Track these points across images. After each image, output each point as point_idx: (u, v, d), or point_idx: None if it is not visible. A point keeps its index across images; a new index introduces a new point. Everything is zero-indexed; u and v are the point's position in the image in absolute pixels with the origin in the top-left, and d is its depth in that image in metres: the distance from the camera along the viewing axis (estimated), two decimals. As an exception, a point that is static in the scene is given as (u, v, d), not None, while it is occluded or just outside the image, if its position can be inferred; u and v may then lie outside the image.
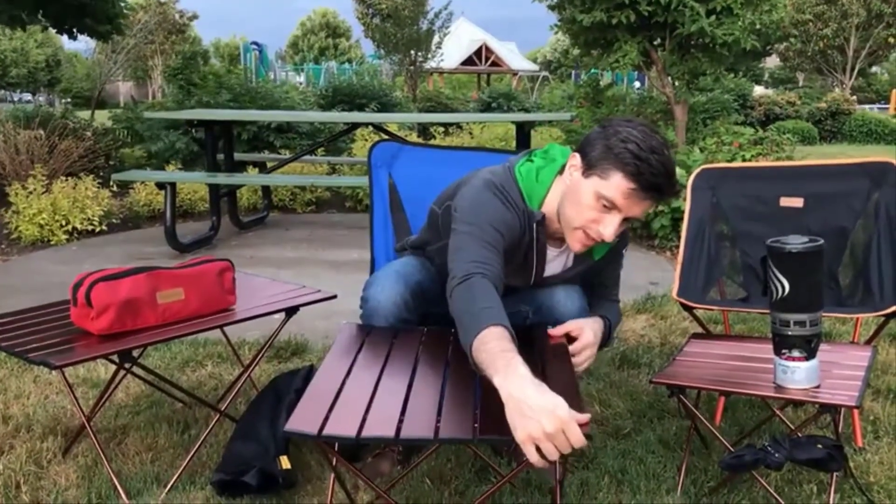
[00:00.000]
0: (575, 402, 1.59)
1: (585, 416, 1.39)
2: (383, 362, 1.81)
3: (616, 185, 1.76)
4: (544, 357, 1.85)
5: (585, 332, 1.92)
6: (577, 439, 1.35)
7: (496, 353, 1.52)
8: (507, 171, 1.97)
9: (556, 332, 1.93)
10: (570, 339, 1.94)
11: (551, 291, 2.09)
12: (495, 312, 1.62)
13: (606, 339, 2.04)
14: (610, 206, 1.78)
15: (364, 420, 1.51)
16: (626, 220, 1.82)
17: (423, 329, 2.05)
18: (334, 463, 1.84)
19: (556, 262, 2.07)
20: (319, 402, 1.58)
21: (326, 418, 1.50)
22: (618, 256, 2.16)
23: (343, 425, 1.48)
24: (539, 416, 1.35)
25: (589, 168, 1.81)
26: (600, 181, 1.78)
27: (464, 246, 1.79)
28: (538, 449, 1.35)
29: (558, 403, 1.37)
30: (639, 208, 1.80)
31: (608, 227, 1.80)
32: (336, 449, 1.76)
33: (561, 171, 1.95)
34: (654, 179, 1.74)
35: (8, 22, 7.75)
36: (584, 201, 1.81)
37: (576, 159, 1.86)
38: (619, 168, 1.75)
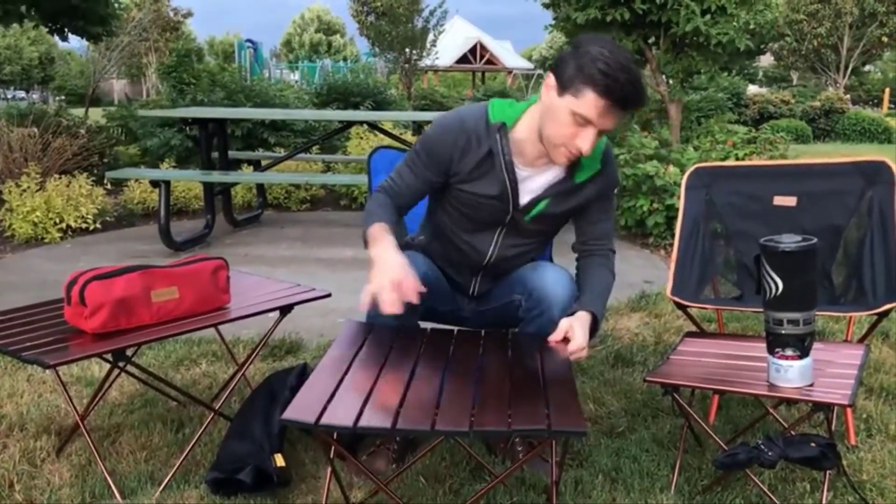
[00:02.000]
0: (572, 404, 1.60)
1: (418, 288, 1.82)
2: (384, 358, 1.83)
3: (589, 102, 1.86)
4: (543, 362, 1.86)
5: (576, 333, 1.94)
6: (411, 293, 1.81)
7: (375, 235, 1.97)
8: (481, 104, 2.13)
9: (555, 338, 1.96)
10: (564, 339, 1.96)
11: (541, 278, 2.12)
12: (382, 215, 2.03)
13: (595, 330, 2.04)
14: (584, 122, 1.89)
15: (361, 411, 1.52)
16: (601, 132, 1.93)
17: (426, 329, 2.06)
18: (332, 455, 1.84)
19: (531, 184, 2.09)
20: (318, 392, 1.59)
21: (324, 409, 1.51)
22: (605, 199, 2.18)
23: (340, 415, 1.50)
24: (388, 269, 1.83)
25: (563, 88, 1.90)
26: (574, 100, 1.87)
27: (400, 166, 2.14)
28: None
29: (404, 263, 1.85)
30: (611, 121, 1.91)
31: (585, 141, 1.91)
32: (335, 437, 1.77)
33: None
34: (624, 94, 1.85)
35: (2, 18, 7.71)
36: (561, 120, 1.91)
37: (550, 79, 1.94)
38: (590, 87, 1.84)
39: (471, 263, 2.23)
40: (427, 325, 2.17)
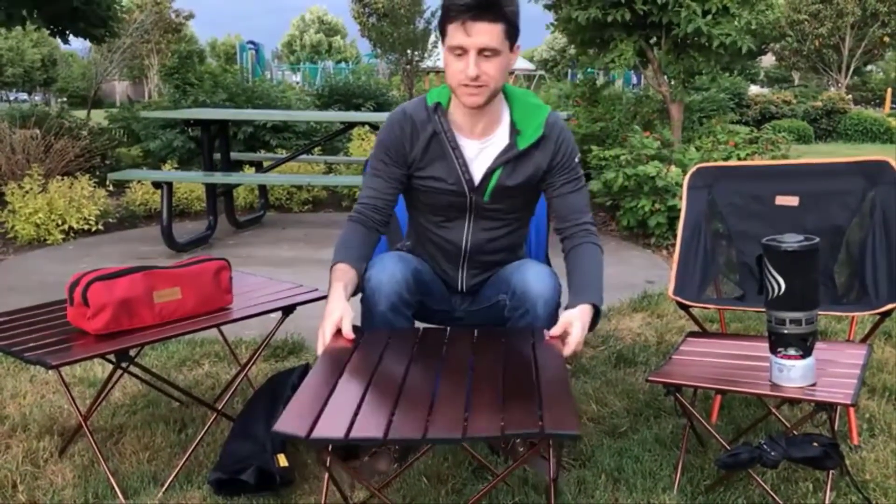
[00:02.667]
0: (566, 401, 1.59)
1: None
2: (376, 363, 1.81)
3: (450, 31, 1.97)
4: (537, 362, 1.85)
5: (574, 329, 1.93)
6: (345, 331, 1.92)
7: (332, 278, 2.04)
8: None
9: (554, 332, 1.95)
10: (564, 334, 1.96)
11: (522, 275, 2.12)
12: (345, 253, 2.10)
13: (597, 319, 2.03)
14: (460, 51, 1.97)
15: (353, 420, 1.50)
16: (482, 53, 1.96)
17: (418, 329, 2.06)
18: (328, 463, 1.84)
19: (481, 160, 2.13)
20: (310, 402, 1.57)
21: (317, 419, 1.50)
22: (565, 168, 2.17)
23: (332, 426, 1.48)
24: (329, 315, 1.94)
25: (442, 38, 2.04)
26: (445, 40, 2.01)
27: (366, 176, 2.23)
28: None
29: (333, 310, 1.95)
30: (481, 35, 1.94)
31: (469, 67, 1.97)
32: (330, 449, 1.76)
33: None
34: (463, 2, 1.92)
35: (5, 20, 7.72)
36: (449, 64, 2.02)
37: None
38: (444, 19, 1.98)
39: (451, 257, 2.26)
40: (420, 325, 2.17)
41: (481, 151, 2.14)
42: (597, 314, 2.02)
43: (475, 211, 2.18)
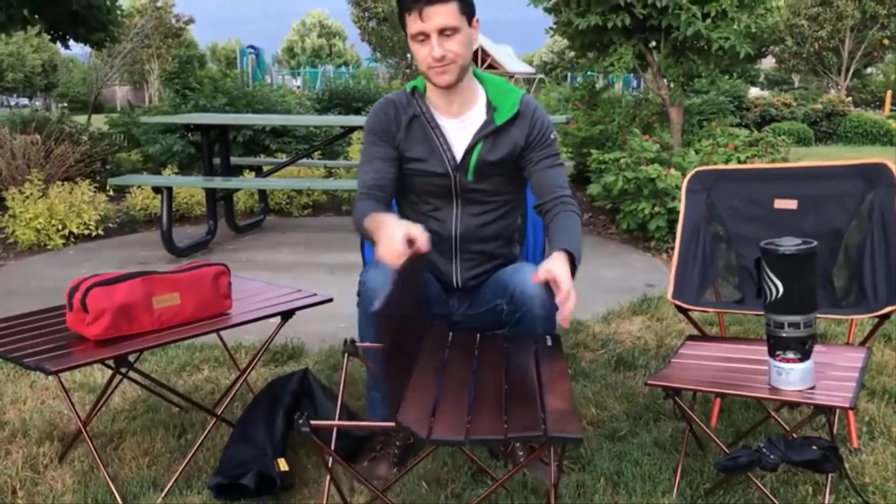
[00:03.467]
0: (568, 409, 1.60)
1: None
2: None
3: (408, 21, 2.08)
4: (539, 366, 1.86)
5: (559, 274, 1.84)
6: (421, 242, 1.81)
7: (372, 218, 1.99)
8: None
9: (538, 280, 1.88)
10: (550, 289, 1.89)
11: (520, 278, 2.13)
12: (370, 210, 2.08)
13: (576, 267, 1.99)
14: (422, 37, 2.07)
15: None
16: (443, 33, 2.06)
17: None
18: (330, 464, 1.84)
19: (461, 137, 2.22)
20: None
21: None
22: (541, 143, 2.24)
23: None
24: (396, 227, 1.82)
25: (404, 31, 2.16)
26: (407, 31, 2.12)
27: (360, 167, 2.29)
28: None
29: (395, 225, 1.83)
30: (437, 18, 2.04)
31: (434, 49, 2.07)
32: (334, 448, 1.77)
33: None
34: None
35: (6, 24, 7.73)
36: (414, 50, 2.13)
37: None
38: (400, 11, 2.10)
39: (444, 248, 2.28)
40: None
41: (461, 130, 2.22)
42: (573, 265, 1.97)
43: (461, 193, 2.23)
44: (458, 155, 2.21)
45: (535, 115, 2.24)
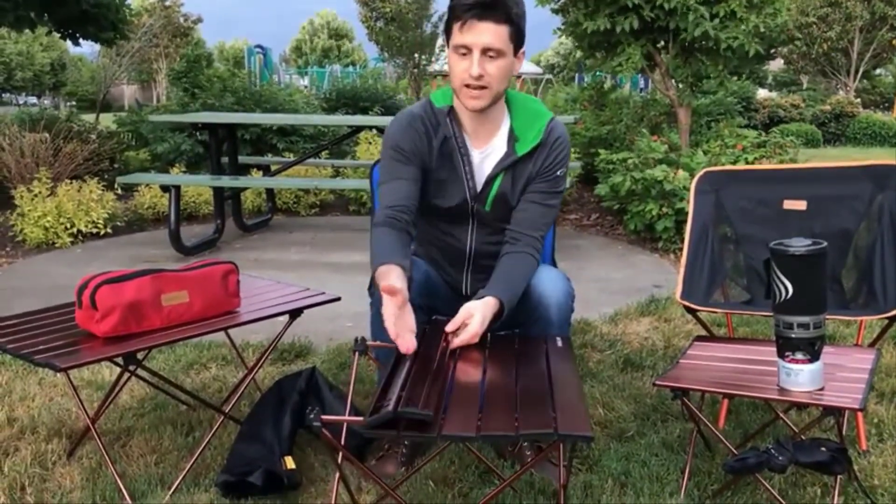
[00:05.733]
0: (579, 407, 1.60)
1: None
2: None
3: (454, 30, 1.98)
4: (550, 365, 1.86)
5: (473, 320, 1.92)
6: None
7: (382, 280, 1.89)
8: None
9: (452, 326, 1.94)
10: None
11: (536, 280, 2.13)
12: (388, 253, 1.97)
13: (500, 316, 2.02)
14: (464, 50, 1.98)
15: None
16: (487, 53, 1.97)
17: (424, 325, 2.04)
18: (340, 461, 1.84)
19: (485, 164, 2.15)
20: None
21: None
22: (547, 177, 2.16)
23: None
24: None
25: (447, 40, 2.04)
26: (451, 40, 2.01)
27: (382, 184, 2.13)
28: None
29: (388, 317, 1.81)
30: (485, 35, 1.95)
31: (473, 66, 1.98)
32: (344, 444, 1.77)
33: None
34: (469, 2, 1.93)
35: (14, 23, 7.77)
36: (453, 64, 2.03)
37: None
38: (450, 18, 1.99)
39: (456, 260, 2.27)
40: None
41: (483, 160, 2.16)
42: (501, 313, 2.01)
43: (477, 218, 2.20)
44: (479, 185, 2.15)
45: (555, 145, 2.15)
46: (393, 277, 1.87)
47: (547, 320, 2.10)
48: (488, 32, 1.95)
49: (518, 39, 2.02)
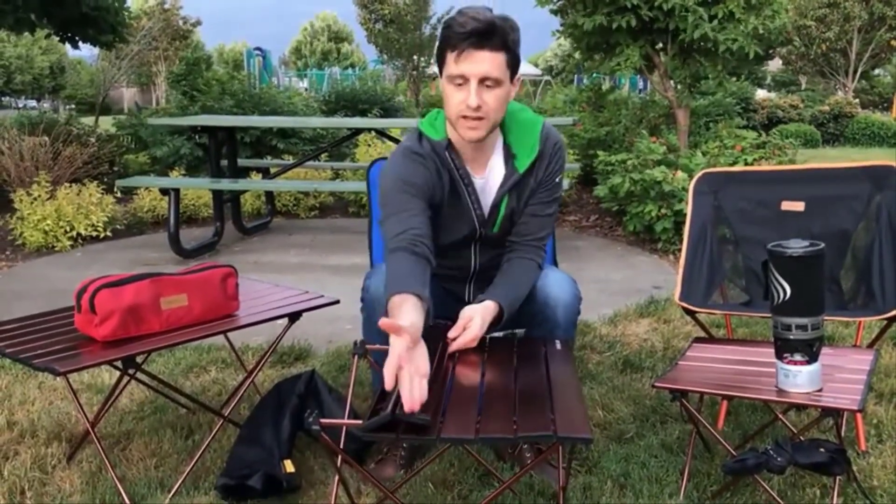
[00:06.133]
0: (578, 409, 1.60)
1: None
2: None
3: (450, 59, 1.90)
4: (549, 367, 1.86)
5: (473, 323, 1.91)
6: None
7: (395, 312, 1.73)
8: (412, 130, 2.13)
9: (454, 331, 1.93)
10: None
11: (542, 282, 2.12)
12: (404, 281, 1.80)
13: (500, 321, 2.02)
14: (461, 80, 1.90)
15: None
16: (484, 82, 1.90)
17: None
18: (339, 464, 1.84)
19: (487, 189, 2.11)
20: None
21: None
22: (546, 185, 2.14)
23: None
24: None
25: (440, 70, 1.96)
26: (444, 69, 1.93)
27: (389, 217, 1.97)
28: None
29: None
30: (482, 64, 1.87)
31: (470, 97, 1.90)
32: (343, 447, 1.77)
33: None
34: (465, 30, 1.85)
35: (14, 26, 7.77)
36: (448, 94, 1.94)
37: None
38: (444, 46, 1.91)
39: (459, 275, 2.27)
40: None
41: (485, 185, 2.12)
42: (500, 317, 2.01)
43: (483, 240, 2.18)
44: (486, 211, 2.11)
45: (553, 153, 2.12)
46: (407, 310, 1.70)
47: (554, 322, 2.10)
48: (486, 62, 1.87)
49: (514, 65, 1.95)
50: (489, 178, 2.11)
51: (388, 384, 1.51)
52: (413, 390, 1.48)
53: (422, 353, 1.59)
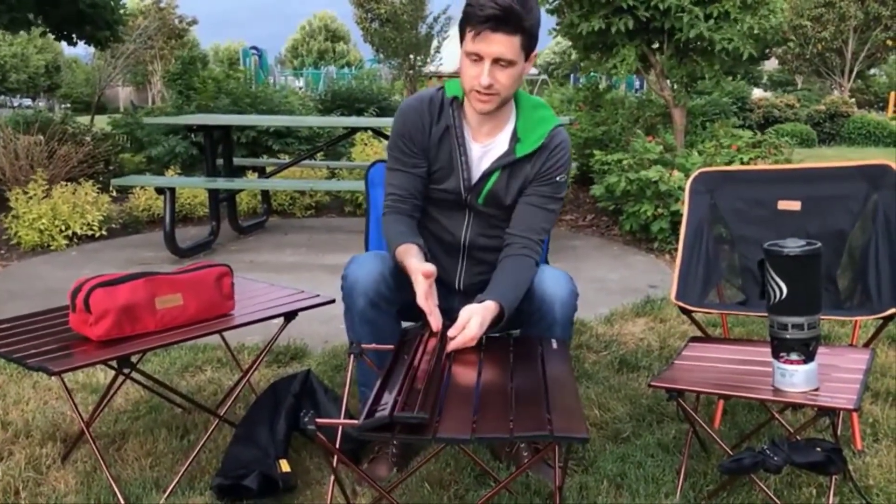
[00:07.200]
0: (574, 409, 1.60)
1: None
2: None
3: (468, 37, 2.00)
4: (545, 367, 1.86)
5: (471, 323, 1.93)
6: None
7: (404, 259, 2.07)
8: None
9: (454, 330, 1.94)
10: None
11: (539, 279, 2.14)
12: (402, 235, 2.15)
13: (500, 320, 2.03)
14: (476, 57, 2.00)
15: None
16: (497, 62, 2.00)
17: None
18: (335, 464, 1.84)
19: (482, 161, 2.18)
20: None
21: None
22: (546, 181, 2.19)
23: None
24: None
25: (461, 40, 2.06)
26: (463, 44, 2.03)
27: (390, 170, 2.25)
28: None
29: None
30: (497, 45, 1.97)
31: (483, 76, 2.00)
32: (339, 447, 1.77)
33: None
34: (482, 13, 1.94)
35: (9, 25, 7.75)
36: (464, 67, 2.05)
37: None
38: (464, 24, 2.00)
39: (451, 249, 2.28)
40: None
41: (483, 154, 2.18)
42: (501, 317, 2.02)
43: (472, 210, 2.22)
44: (474, 178, 2.18)
45: (555, 150, 2.19)
46: (414, 255, 2.05)
47: (551, 319, 2.10)
48: (500, 44, 1.96)
49: (529, 45, 2.04)
50: (490, 149, 2.18)
51: (428, 310, 1.96)
52: (437, 321, 1.94)
53: (434, 291, 2.00)
